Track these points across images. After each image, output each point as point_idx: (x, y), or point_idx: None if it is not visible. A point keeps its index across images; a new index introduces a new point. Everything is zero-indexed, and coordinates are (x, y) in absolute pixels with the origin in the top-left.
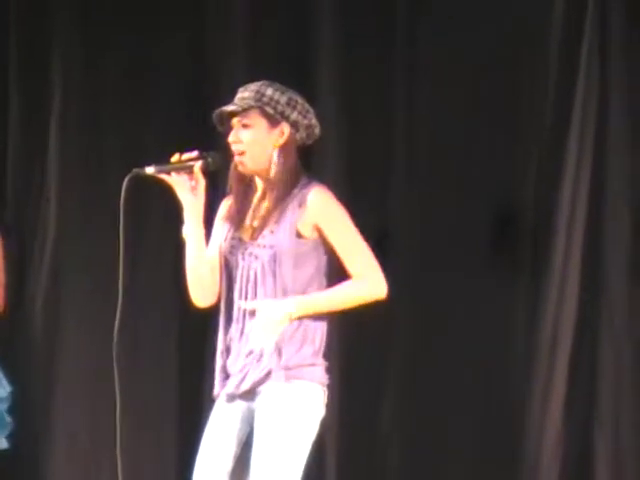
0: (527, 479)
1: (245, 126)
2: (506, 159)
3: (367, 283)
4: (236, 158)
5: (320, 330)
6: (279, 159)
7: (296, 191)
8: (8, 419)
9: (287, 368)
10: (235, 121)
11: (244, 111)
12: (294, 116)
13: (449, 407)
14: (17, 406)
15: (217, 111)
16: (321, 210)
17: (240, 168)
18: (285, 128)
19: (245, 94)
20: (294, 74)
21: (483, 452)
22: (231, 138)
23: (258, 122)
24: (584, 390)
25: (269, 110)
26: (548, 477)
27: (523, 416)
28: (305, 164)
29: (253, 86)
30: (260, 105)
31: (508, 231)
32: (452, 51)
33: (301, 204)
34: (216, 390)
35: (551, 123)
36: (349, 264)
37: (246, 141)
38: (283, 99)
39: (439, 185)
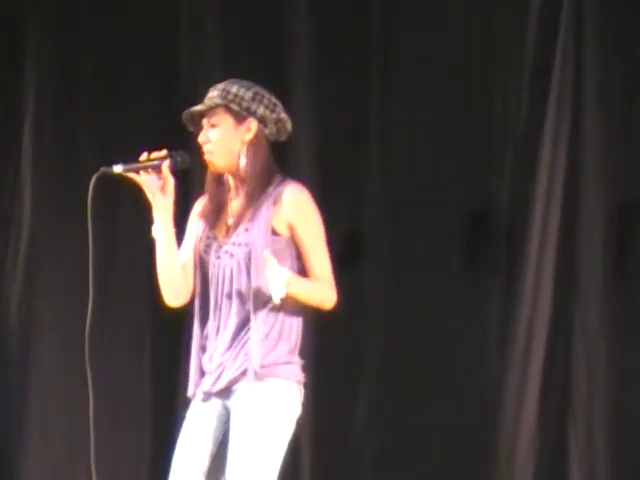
0: (503, 477)
1: (213, 125)
2: (480, 159)
3: (329, 288)
4: (206, 157)
5: (296, 328)
6: (248, 154)
7: (271, 189)
8: None
9: (262, 366)
10: (204, 121)
11: (211, 110)
12: (261, 111)
13: (423, 406)
14: None
15: (186, 112)
16: (296, 208)
17: (211, 167)
18: (252, 124)
19: (213, 93)
20: (268, 73)
21: (458, 450)
22: (200, 138)
23: (224, 120)
24: (558, 392)
25: (234, 107)
26: (522, 478)
27: (497, 418)
28: (279, 164)
29: (220, 85)
30: (225, 103)
31: (482, 232)
32: (427, 48)
33: (276, 201)
34: (191, 389)
35: (525, 123)
36: (313, 265)
37: (214, 140)
38: (248, 95)
39: (413, 185)
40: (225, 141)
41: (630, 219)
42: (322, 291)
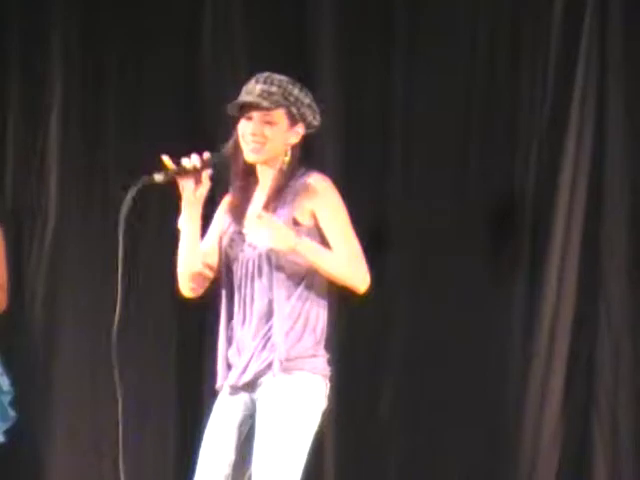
0: (526, 471)
1: (269, 122)
2: (504, 152)
3: (357, 264)
4: (251, 147)
5: (321, 320)
6: (290, 157)
7: (293, 181)
8: (12, 412)
9: (288, 359)
10: (257, 115)
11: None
12: (310, 119)
13: (445, 400)
14: (16, 401)
15: (239, 101)
16: (318, 195)
17: (251, 157)
18: (300, 129)
19: (272, 89)
20: (293, 67)
21: (481, 444)
22: (253, 131)
23: (281, 121)
24: (582, 385)
25: (294, 111)
26: (546, 473)
27: (521, 412)
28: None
29: (277, 80)
30: (287, 105)
31: (506, 226)
32: (451, 40)
33: (298, 192)
34: (219, 382)
35: (549, 118)
36: (337, 246)
37: (268, 137)
38: (306, 101)
39: (437, 178)
40: (276, 141)
41: None
42: (344, 265)
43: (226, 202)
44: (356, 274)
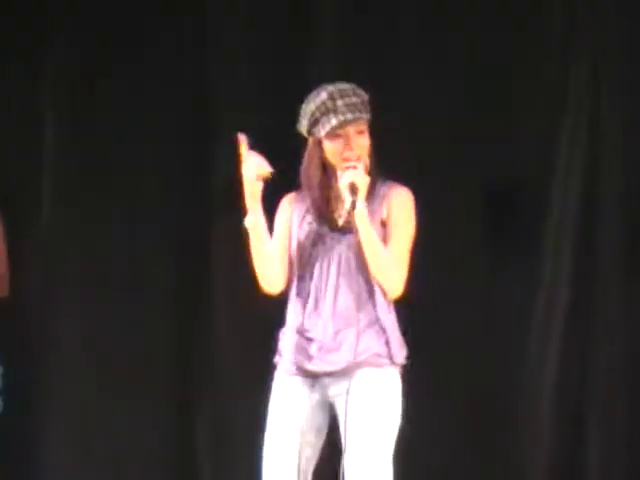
0: (519, 462)
1: (360, 132)
2: (500, 141)
3: (397, 270)
4: (351, 163)
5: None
6: (370, 159)
7: (377, 189)
8: None
9: (391, 356)
10: (351, 129)
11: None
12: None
13: (438, 387)
14: (8, 389)
15: (338, 122)
16: (399, 201)
17: (351, 174)
18: (367, 129)
19: (353, 99)
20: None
21: (474, 433)
22: (352, 145)
23: (366, 128)
24: (576, 377)
25: (369, 115)
26: (540, 463)
27: (515, 403)
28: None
29: (349, 90)
30: (367, 112)
31: (500, 212)
32: (451, 25)
33: (384, 197)
34: (286, 365)
35: (545, 105)
36: (389, 247)
37: (364, 147)
38: (368, 103)
39: (433, 166)
40: (367, 148)
41: None
42: (389, 262)
43: (289, 202)
44: (394, 276)
